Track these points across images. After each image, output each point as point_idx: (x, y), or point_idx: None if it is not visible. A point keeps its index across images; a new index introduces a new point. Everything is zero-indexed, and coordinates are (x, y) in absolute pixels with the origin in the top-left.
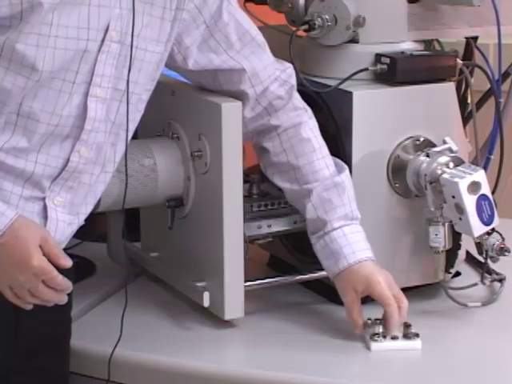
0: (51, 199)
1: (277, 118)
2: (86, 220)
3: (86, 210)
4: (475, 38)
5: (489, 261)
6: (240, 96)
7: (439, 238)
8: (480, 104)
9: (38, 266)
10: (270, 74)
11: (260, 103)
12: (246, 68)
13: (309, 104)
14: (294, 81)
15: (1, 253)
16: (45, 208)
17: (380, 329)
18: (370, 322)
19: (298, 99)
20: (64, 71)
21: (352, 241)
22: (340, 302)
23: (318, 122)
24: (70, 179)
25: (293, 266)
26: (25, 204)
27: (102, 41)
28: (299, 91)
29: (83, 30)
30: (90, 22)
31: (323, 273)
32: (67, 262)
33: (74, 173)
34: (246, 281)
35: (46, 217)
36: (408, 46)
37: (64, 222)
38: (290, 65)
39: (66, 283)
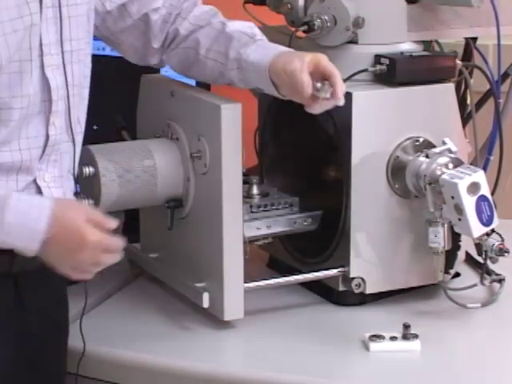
0: (41, 178)
1: (181, 9)
2: None
3: (69, 178)
4: (474, 39)
5: (488, 261)
6: (153, 14)
7: (439, 238)
8: (479, 105)
9: (94, 240)
10: None
11: (168, 12)
12: None
13: None
14: None
15: (55, 243)
16: (38, 189)
17: (327, 94)
18: (319, 85)
19: None
20: (18, 52)
21: None
22: (340, 303)
23: (318, 122)
24: (53, 153)
25: (292, 266)
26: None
27: (41, 10)
28: None
29: (23, 7)
30: None
31: (323, 273)
32: (113, 223)
33: (55, 145)
34: (245, 282)
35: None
36: (407, 46)
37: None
38: None
39: (120, 243)
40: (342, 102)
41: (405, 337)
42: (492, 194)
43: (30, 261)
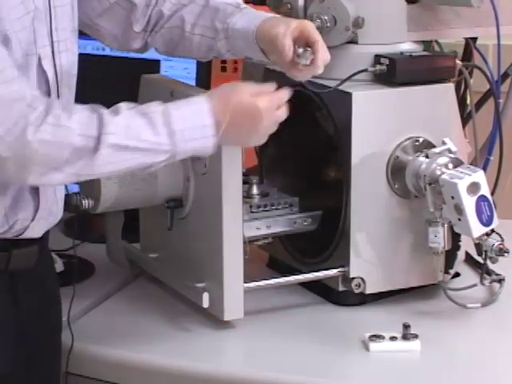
0: None
1: None
2: (85, 221)
3: None
4: (474, 39)
5: (488, 261)
6: None
7: (438, 238)
8: (479, 105)
9: (267, 106)
10: None
11: None
12: None
13: (308, 104)
14: None
15: (233, 127)
16: None
17: (307, 61)
18: (300, 50)
19: None
20: (26, 47)
21: None
22: (340, 303)
23: (318, 122)
24: None
25: (292, 266)
26: (21, 193)
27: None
28: (299, 92)
29: (28, 2)
30: None
31: (323, 273)
32: (271, 85)
33: None
34: (245, 282)
35: (36, 188)
36: (407, 46)
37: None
38: None
39: (285, 93)
40: (320, 70)
41: (405, 337)
42: (492, 194)
43: (26, 259)
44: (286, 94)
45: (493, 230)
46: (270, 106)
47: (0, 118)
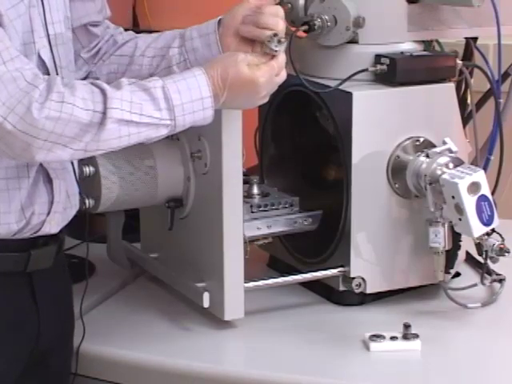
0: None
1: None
2: (85, 220)
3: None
4: (475, 39)
5: (488, 261)
6: (96, 26)
7: (439, 238)
8: (480, 104)
9: (265, 80)
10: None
11: (105, 28)
12: None
13: (309, 104)
14: None
15: (231, 101)
16: (46, 172)
17: (281, 45)
18: (270, 34)
19: None
20: (24, 36)
21: None
22: (340, 303)
23: (318, 122)
24: None
25: (292, 266)
26: (35, 186)
27: None
28: (299, 91)
29: None
30: None
31: (323, 273)
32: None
33: None
34: (245, 282)
35: (50, 181)
36: (408, 46)
37: (63, 176)
38: None
39: (282, 59)
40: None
41: (405, 337)
42: (492, 193)
43: (44, 259)
44: (283, 59)
45: (493, 230)
46: (269, 75)
47: (2, 98)
